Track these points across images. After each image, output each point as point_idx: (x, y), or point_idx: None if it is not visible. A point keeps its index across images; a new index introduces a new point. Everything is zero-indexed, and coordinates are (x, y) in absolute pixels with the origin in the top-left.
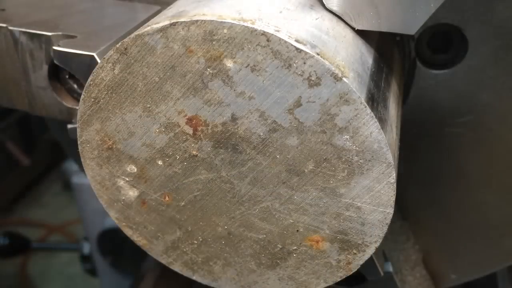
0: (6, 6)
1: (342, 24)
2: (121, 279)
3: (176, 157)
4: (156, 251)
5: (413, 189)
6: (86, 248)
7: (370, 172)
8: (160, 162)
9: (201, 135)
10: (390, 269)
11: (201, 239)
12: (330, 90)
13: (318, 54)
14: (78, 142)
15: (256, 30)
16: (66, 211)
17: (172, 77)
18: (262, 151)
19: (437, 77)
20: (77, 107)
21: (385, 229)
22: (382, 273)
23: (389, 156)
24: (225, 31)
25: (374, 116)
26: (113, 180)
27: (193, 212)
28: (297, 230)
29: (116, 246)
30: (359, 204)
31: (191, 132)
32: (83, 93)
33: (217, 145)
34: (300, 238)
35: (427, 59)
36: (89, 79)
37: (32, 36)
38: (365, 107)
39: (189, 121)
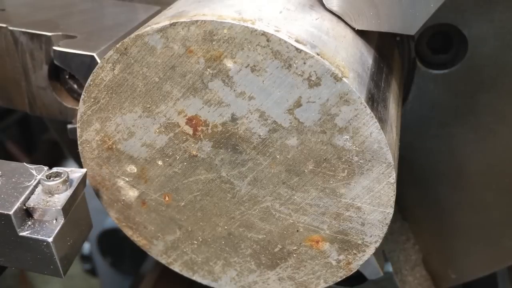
0: (6, 6)
1: (342, 24)
2: (121, 279)
3: (176, 157)
4: (156, 251)
5: (413, 189)
6: (86, 248)
7: (370, 172)
8: (160, 162)
9: (201, 135)
10: (390, 269)
11: (201, 239)
12: (330, 90)
13: (318, 54)
14: (78, 142)
15: (256, 30)
16: None
17: (172, 77)
18: (262, 151)
19: (437, 77)
20: (77, 107)
21: (385, 229)
22: (382, 273)
23: (389, 156)
24: (225, 31)
25: (374, 116)
26: (113, 180)
27: (193, 212)
28: (297, 230)
29: (116, 246)
30: (359, 204)
31: (191, 132)
32: (83, 93)
33: (217, 145)
34: (300, 238)
35: (427, 59)
36: (89, 79)
37: (32, 36)
38: (365, 107)
39: (189, 121)
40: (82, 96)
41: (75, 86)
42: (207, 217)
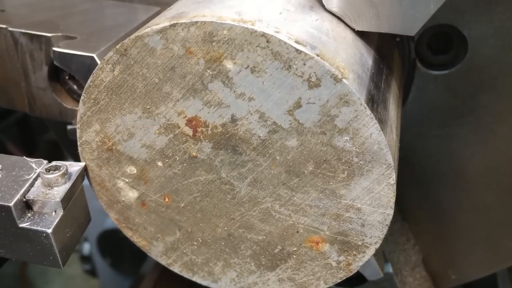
0: (6, 7)
1: (342, 25)
2: (121, 279)
3: (176, 158)
4: (156, 252)
5: (413, 189)
6: (86, 248)
7: (370, 174)
8: (160, 163)
9: (201, 136)
10: (390, 270)
11: (201, 240)
12: (330, 91)
13: (318, 55)
14: (78, 143)
15: (256, 31)
16: None
17: (172, 78)
18: (262, 152)
19: (437, 78)
20: (77, 108)
21: (385, 230)
22: (382, 274)
23: (389, 157)
24: (225, 32)
25: (374, 117)
26: (113, 181)
27: (193, 213)
28: (297, 231)
29: (116, 247)
30: (359, 205)
31: (191, 133)
32: (83, 94)
33: (217, 146)
34: (300, 239)
35: (427, 60)
36: (89, 80)
37: (32, 37)
38: (365, 108)
39: (189, 122)
40: (82, 97)
41: (75, 87)
42: (207, 218)
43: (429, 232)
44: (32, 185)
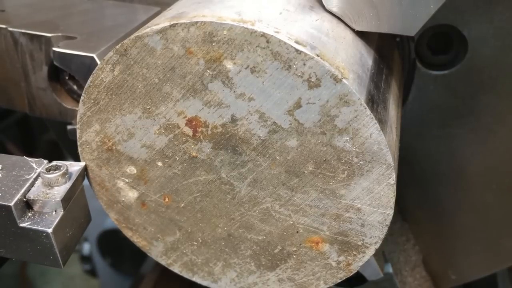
0: (6, 7)
1: (342, 26)
2: (121, 279)
3: (176, 158)
4: (156, 252)
5: (414, 190)
6: (86, 248)
7: (370, 174)
8: (160, 164)
9: (201, 136)
10: (390, 270)
11: (200, 240)
12: (330, 91)
13: (318, 56)
14: (78, 144)
15: (256, 31)
16: None
17: (172, 79)
18: (262, 152)
19: (437, 78)
20: (77, 108)
21: (385, 230)
22: (382, 274)
23: (389, 157)
24: (225, 32)
25: (374, 118)
26: (112, 182)
27: (192, 214)
28: (297, 232)
29: (116, 247)
30: (359, 205)
31: (190, 133)
32: (82, 94)
33: (217, 147)
34: (300, 240)
35: (427, 60)
36: (88, 81)
37: (32, 37)
38: (365, 108)
39: (189, 122)
40: (82, 97)
41: (75, 87)
42: (207, 218)
43: (429, 232)
44: (32, 184)
